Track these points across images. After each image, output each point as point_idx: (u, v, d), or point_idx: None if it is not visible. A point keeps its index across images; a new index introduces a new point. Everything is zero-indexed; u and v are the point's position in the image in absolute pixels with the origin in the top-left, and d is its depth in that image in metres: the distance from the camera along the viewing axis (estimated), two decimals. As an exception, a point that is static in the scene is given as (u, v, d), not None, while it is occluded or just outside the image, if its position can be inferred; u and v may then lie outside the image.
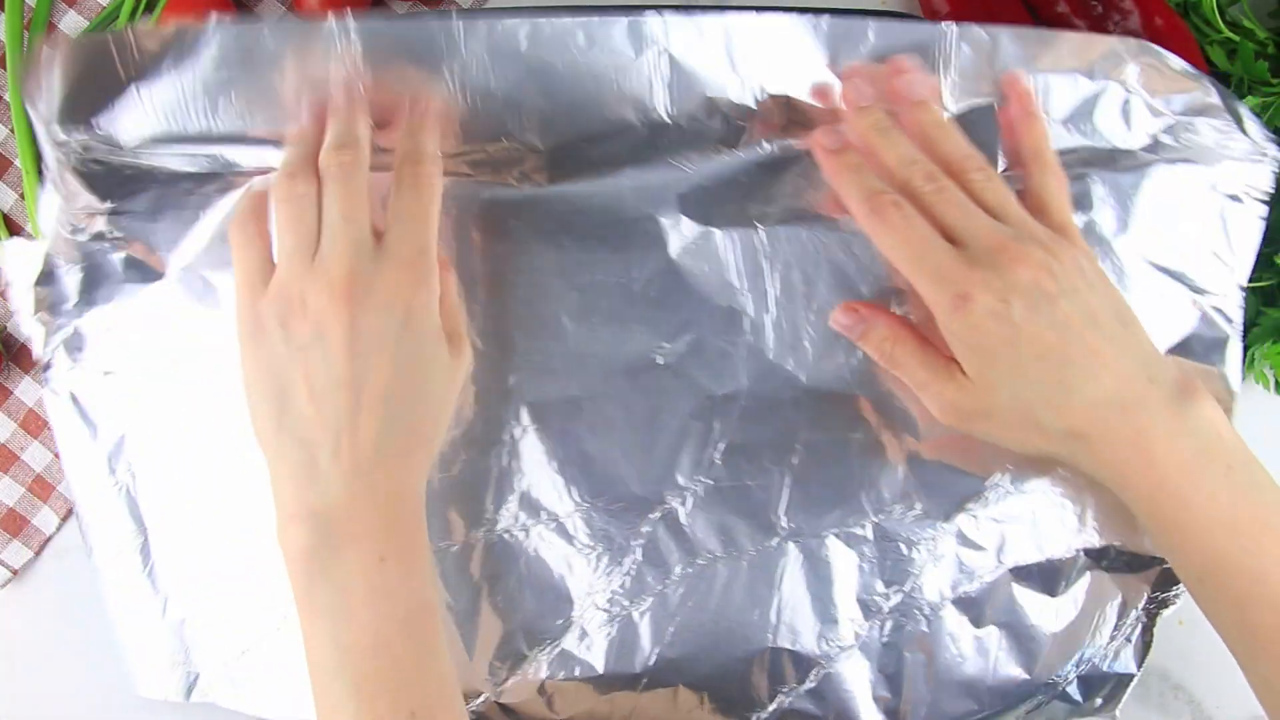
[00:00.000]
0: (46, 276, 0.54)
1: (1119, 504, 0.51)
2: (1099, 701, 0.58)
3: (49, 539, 0.64)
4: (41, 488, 0.64)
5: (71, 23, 0.64)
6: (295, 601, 0.47)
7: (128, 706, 0.64)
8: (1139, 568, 0.57)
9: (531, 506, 0.53)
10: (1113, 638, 0.57)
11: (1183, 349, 0.56)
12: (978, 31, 0.51)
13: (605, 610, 0.54)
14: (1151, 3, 0.62)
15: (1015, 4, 0.65)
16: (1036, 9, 0.66)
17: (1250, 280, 0.63)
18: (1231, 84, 0.63)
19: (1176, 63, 0.54)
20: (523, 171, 0.52)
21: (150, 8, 0.63)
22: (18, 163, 0.63)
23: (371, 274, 0.46)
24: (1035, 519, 0.56)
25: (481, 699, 0.54)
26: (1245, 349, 0.65)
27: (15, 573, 0.64)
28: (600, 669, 0.54)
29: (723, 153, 0.53)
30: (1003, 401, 0.49)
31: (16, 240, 0.55)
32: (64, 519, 0.64)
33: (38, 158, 0.63)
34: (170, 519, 0.55)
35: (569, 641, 0.54)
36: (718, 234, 0.53)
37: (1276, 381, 0.67)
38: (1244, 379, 0.66)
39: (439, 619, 0.48)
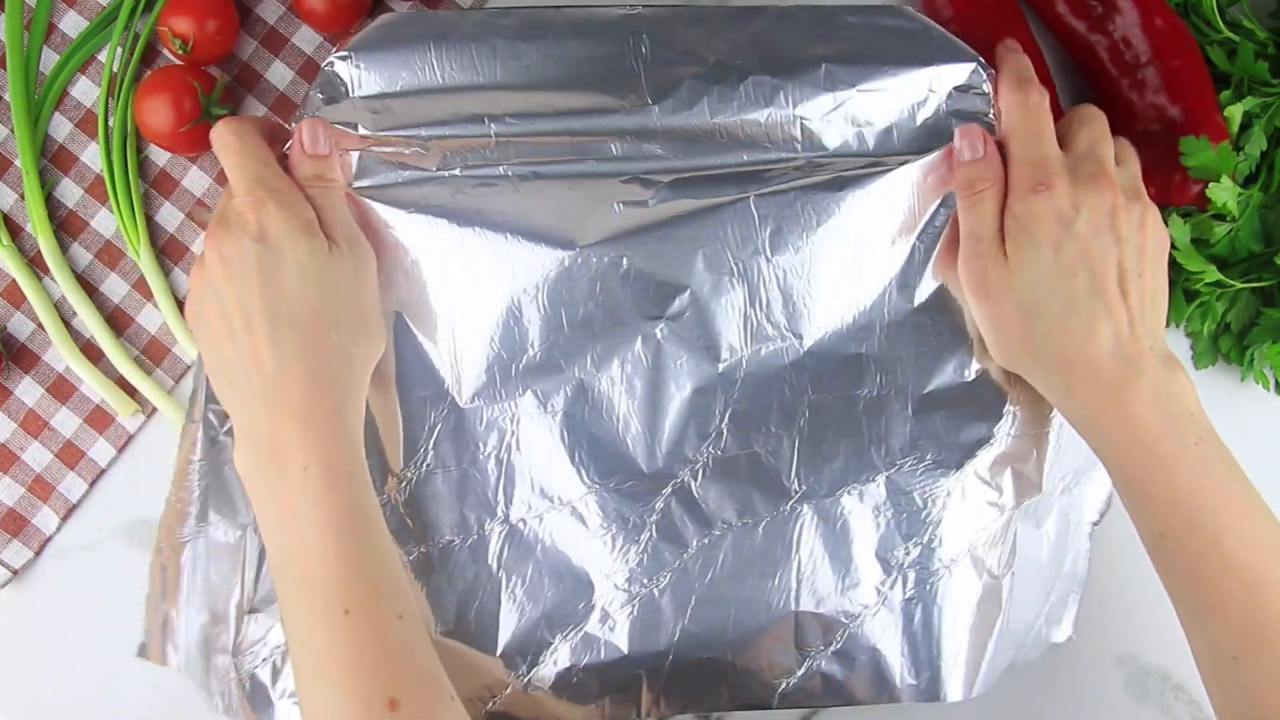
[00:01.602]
0: None
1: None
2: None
3: (49, 539, 0.64)
4: (41, 488, 0.64)
5: (72, 23, 0.64)
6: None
7: (127, 706, 0.64)
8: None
9: (543, 494, 0.54)
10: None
11: None
12: None
13: (625, 590, 0.54)
14: (1151, 3, 0.62)
15: (1014, 5, 0.65)
16: (1036, 9, 0.66)
17: (1250, 280, 0.64)
18: (1231, 84, 0.63)
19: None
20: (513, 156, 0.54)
21: (150, 7, 0.63)
22: (18, 163, 0.63)
23: (225, 213, 0.51)
24: (1039, 459, 0.56)
25: (509, 690, 0.54)
26: (1245, 349, 0.65)
27: (15, 573, 0.64)
28: (625, 649, 0.54)
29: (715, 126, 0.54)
30: (1020, 296, 0.51)
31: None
32: (64, 519, 0.64)
33: (37, 157, 0.63)
34: None
35: (592, 625, 0.54)
36: (707, 204, 0.54)
37: (1276, 381, 0.67)
38: (1244, 379, 0.67)
39: (374, 523, 0.49)
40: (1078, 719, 0.65)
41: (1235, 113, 0.62)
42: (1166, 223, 0.62)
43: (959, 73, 0.55)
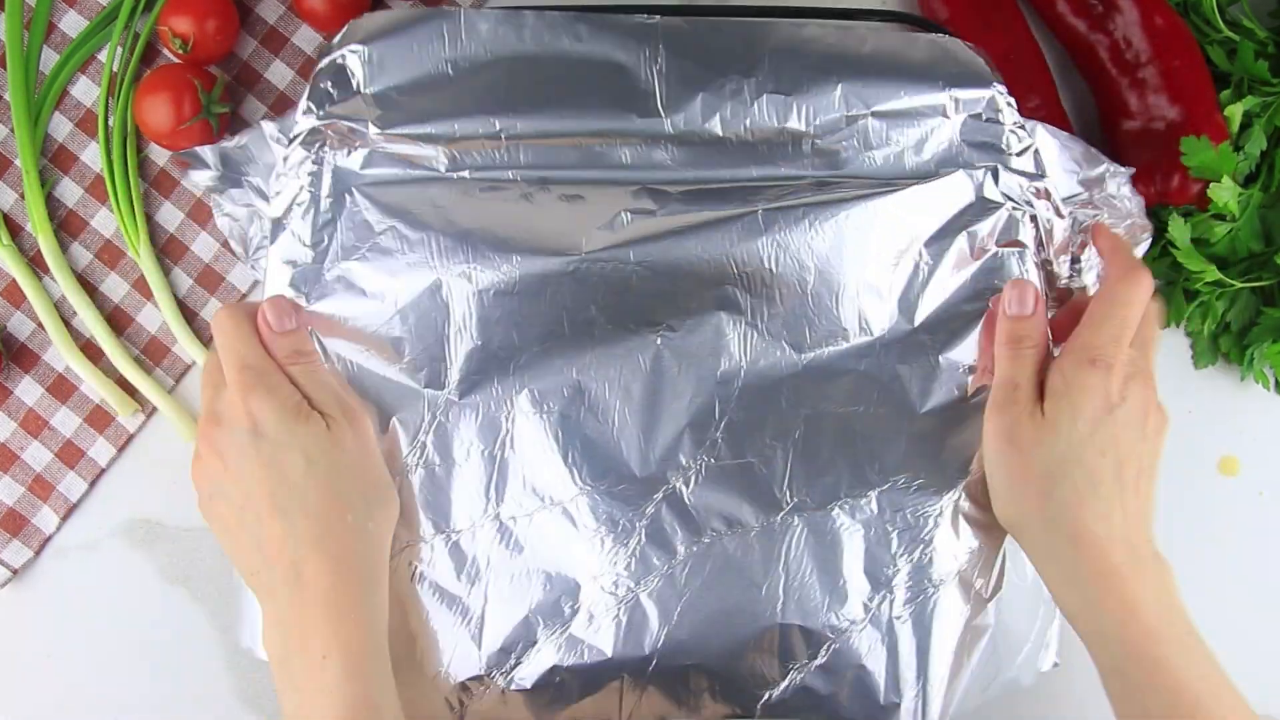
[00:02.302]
0: None
1: None
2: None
3: (49, 539, 0.64)
4: (41, 488, 0.64)
5: (72, 23, 0.64)
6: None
7: (128, 706, 0.64)
8: None
9: (534, 493, 0.54)
10: None
11: None
12: None
13: (612, 593, 0.54)
14: (1151, 2, 0.62)
15: (1012, 5, 0.65)
16: (1037, 10, 0.66)
17: (1250, 280, 0.64)
18: (1231, 84, 0.63)
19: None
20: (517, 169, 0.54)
21: (150, 7, 0.63)
22: (18, 162, 0.63)
23: (217, 407, 0.52)
24: None
25: (491, 688, 0.54)
26: (1245, 349, 0.65)
27: (15, 572, 0.64)
28: (609, 652, 0.54)
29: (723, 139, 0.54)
30: (1048, 456, 0.52)
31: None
32: (64, 519, 0.64)
33: (37, 157, 0.63)
34: None
35: (577, 626, 0.54)
36: (714, 216, 0.54)
37: (1276, 381, 0.67)
38: (1244, 379, 0.67)
39: (383, 715, 0.49)
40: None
41: (1235, 113, 0.62)
42: (1167, 222, 0.62)
43: (976, 97, 0.55)
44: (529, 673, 0.54)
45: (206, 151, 0.57)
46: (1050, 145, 0.57)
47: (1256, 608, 0.67)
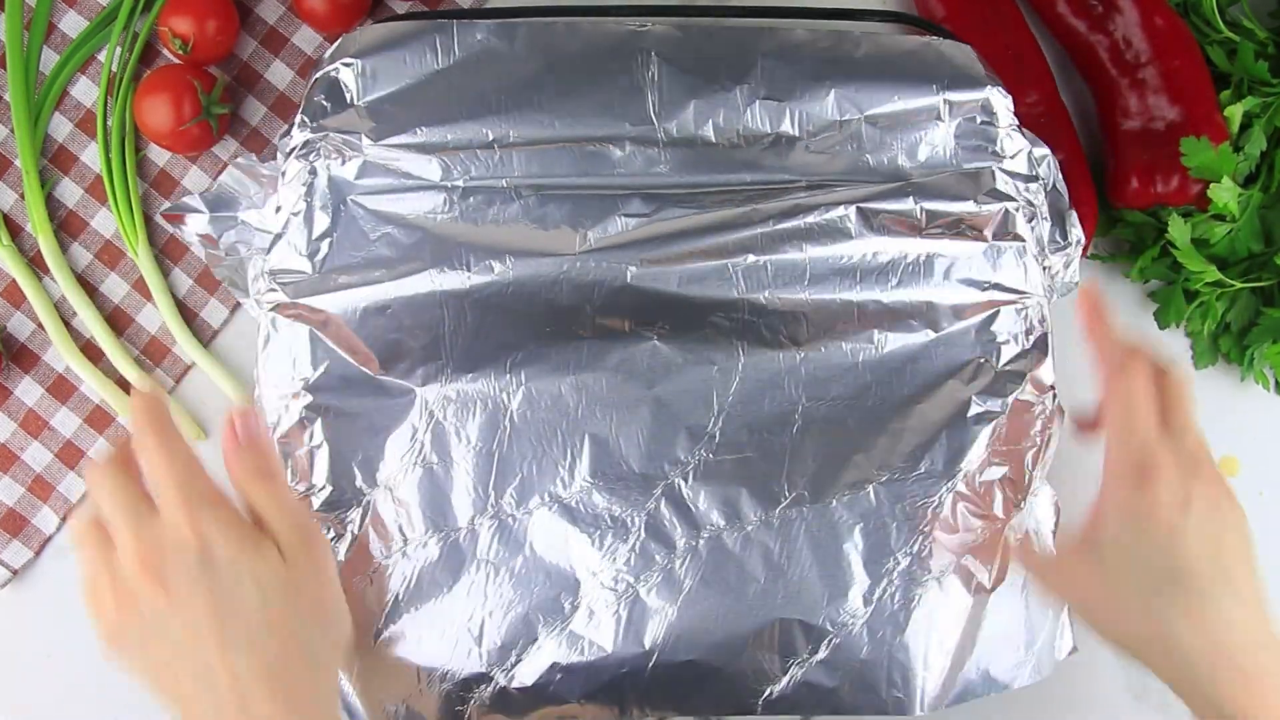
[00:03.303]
0: None
1: None
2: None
3: (49, 539, 0.64)
4: (41, 488, 0.64)
5: (72, 23, 0.64)
6: None
7: (128, 706, 0.64)
8: None
9: (534, 489, 0.54)
10: None
11: None
12: None
13: (612, 589, 0.54)
14: (1151, 3, 0.62)
15: (1010, 4, 0.65)
16: (1037, 10, 0.66)
17: (1250, 280, 0.64)
18: (1231, 84, 0.63)
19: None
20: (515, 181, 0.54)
21: (149, 7, 0.63)
22: (18, 163, 0.63)
23: (145, 533, 0.45)
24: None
25: (492, 685, 0.54)
26: (1245, 349, 0.65)
27: (15, 573, 0.64)
28: (609, 649, 0.54)
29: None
30: (1137, 582, 0.50)
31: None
32: (64, 519, 0.64)
33: (37, 157, 0.63)
34: None
35: (578, 623, 0.54)
36: (708, 219, 0.54)
37: (1276, 381, 0.67)
38: (1244, 379, 0.67)
39: None
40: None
41: (1235, 113, 0.62)
42: (1167, 223, 0.62)
43: (971, 100, 0.55)
44: (530, 670, 0.54)
45: (194, 199, 0.56)
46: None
47: (1256, 608, 0.67)
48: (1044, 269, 0.57)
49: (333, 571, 0.49)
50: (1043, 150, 0.58)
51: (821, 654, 0.55)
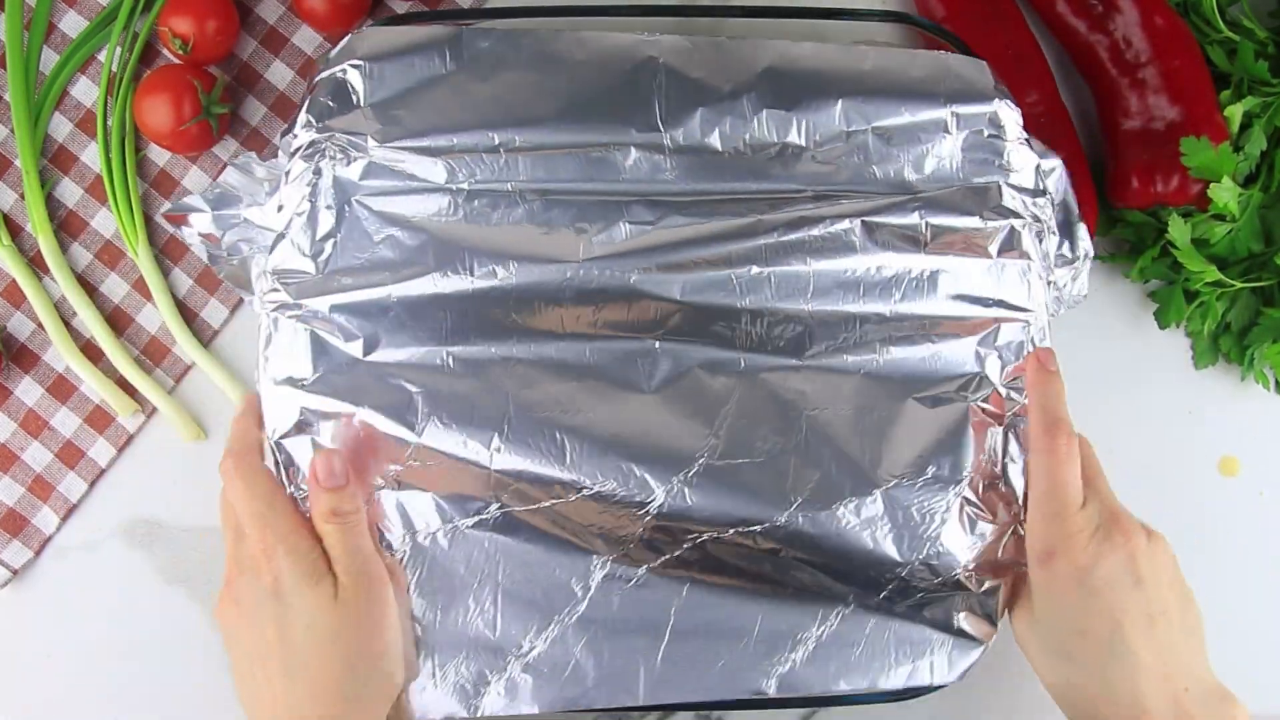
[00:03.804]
0: None
1: None
2: None
3: (49, 539, 0.64)
4: (41, 488, 0.64)
5: (72, 23, 0.64)
6: None
7: (128, 706, 0.64)
8: None
9: (534, 487, 0.54)
10: None
11: None
12: None
13: (611, 588, 0.54)
14: (1151, 3, 0.62)
15: (1010, 4, 0.65)
16: (1037, 10, 0.66)
17: (1250, 280, 0.64)
18: (1231, 84, 0.63)
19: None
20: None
21: (150, 7, 0.63)
22: (18, 163, 0.63)
23: (240, 556, 0.52)
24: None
25: (507, 674, 0.54)
26: (1245, 349, 0.65)
27: (15, 573, 0.64)
28: (611, 647, 0.55)
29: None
30: (1049, 647, 0.54)
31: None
32: (64, 519, 0.64)
33: (37, 157, 0.63)
34: None
35: (577, 621, 0.54)
36: (713, 228, 0.54)
37: (1276, 381, 0.67)
38: (1244, 379, 0.67)
39: None
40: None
41: (1235, 113, 0.62)
42: (1167, 223, 0.62)
43: (978, 113, 0.56)
44: (543, 657, 0.54)
45: (196, 199, 0.57)
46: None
47: (1257, 607, 0.67)
48: (1049, 284, 0.57)
49: (389, 620, 0.52)
50: (1053, 162, 0.58)
51: (829, 656, 0.55)
